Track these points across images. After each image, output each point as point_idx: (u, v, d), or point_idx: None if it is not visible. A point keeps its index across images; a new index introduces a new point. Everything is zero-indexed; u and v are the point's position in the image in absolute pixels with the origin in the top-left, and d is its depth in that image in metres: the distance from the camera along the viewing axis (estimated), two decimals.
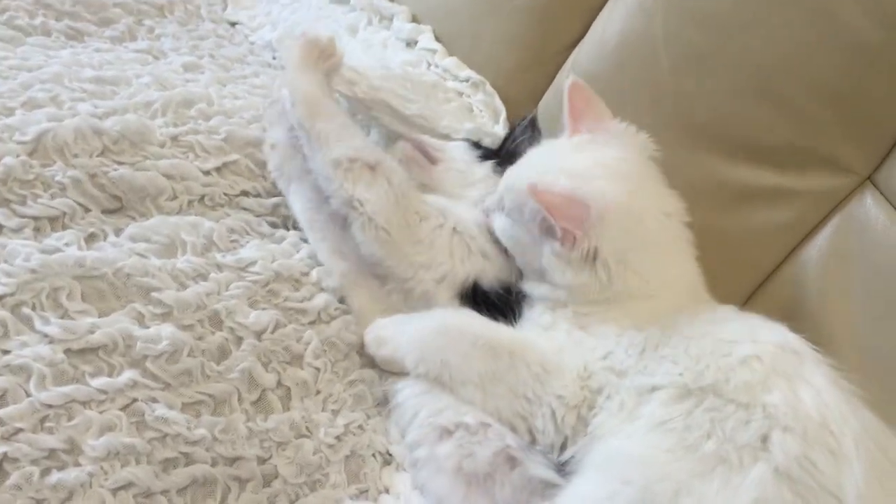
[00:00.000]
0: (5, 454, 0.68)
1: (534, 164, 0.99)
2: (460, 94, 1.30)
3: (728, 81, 1.03)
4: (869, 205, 0.97)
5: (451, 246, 0.98)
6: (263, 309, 0.91)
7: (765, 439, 0.71)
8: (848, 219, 0.99)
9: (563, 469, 0.81)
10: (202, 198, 1.01)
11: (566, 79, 1.02)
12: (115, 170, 0.95)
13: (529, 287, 0.96)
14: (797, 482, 0.69)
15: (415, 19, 1.46)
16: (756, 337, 0.81)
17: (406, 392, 0.91)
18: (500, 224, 0.99)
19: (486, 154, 1.16)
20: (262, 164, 1.09)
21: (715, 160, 1.04)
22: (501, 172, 1.08)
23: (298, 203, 1.05)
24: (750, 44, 1.01)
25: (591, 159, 0.94)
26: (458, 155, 1.14)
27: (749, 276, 1.06)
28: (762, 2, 1.00)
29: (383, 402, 0.94)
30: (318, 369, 0.91)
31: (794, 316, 0.98)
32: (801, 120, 0.99)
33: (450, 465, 0.84)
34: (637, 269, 0.90)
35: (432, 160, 1.13)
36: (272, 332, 0.90)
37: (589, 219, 0.85)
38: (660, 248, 0.93)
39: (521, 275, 0.99)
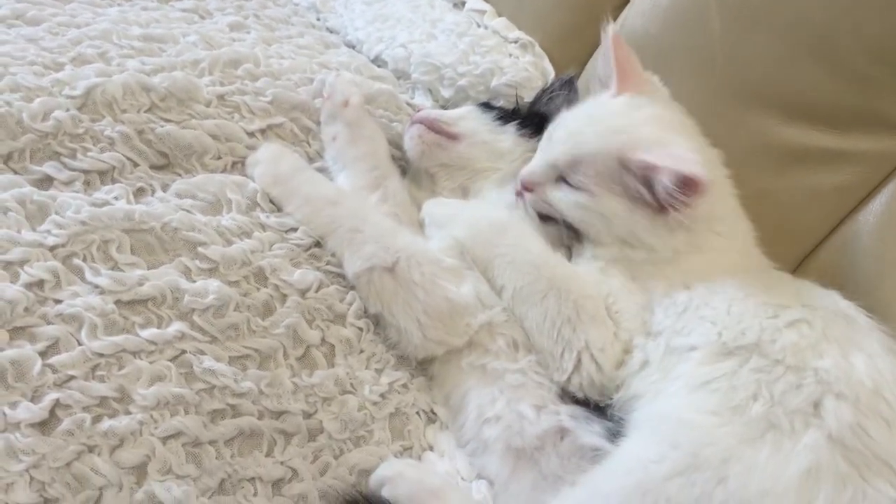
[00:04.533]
0: (58, 401, 0.70)
1: (599, 126, 0.93)
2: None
3: (782, 41, 1.01)
4: None
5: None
6: (307, 269, 0.91)
7: (817, 405, 0.71)
8: None
9: (614, 438, 0.80)
10: (246, 159, 1.01)
11: (607, 32, 0.99)
12: (162, 126, 0.96)
13: (596, 252, 0.93)
14: (851, 450, 0.68)
15: None
16: (806, 301, 0.80)
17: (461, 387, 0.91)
18: (564, 197, 0.94)
19: (502, 115, 1.12)
20: (307, 130, 1.08)
21: (767, 122, 1.01)
22: (527, 134, 1.08)
23: (347, 185, 1.03)
24: (804, 4, 0.98)
25: (658, 122, 0.93)
26: (475, 125, 1.10)
27: (802, 240, 1.04)
28: None
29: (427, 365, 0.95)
30: (360, 329, 0.91)
31: (847, 282, 0.97)
32: (857, 80, 0.97)
33: (498, 445, 0.85)
34: (718, 230, 0.90)
35: (452, 136, 1.08)
36: (316, 291, 0.90)
37: (701, 192, 0.83)
38: (718, 206, 0.92)
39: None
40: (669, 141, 0.89)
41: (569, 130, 0.95)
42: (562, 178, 0.94)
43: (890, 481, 0.67)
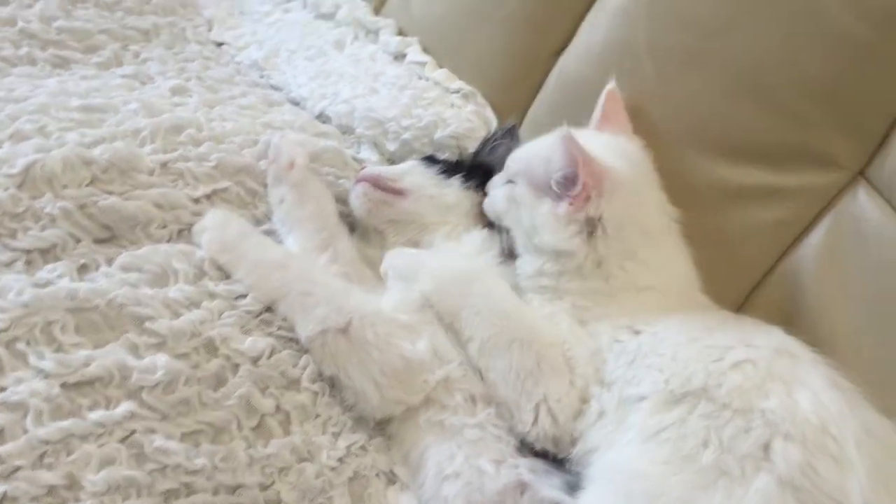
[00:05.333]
0: (5, 493, 0.68)
1: (545, 139, 0.99)
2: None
3: (714, 83, 1.04)
4: (862, 200, 0.97)
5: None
6: (258, 336, 0.90)
7: (766, 448, 0.71)
8: (841, 215, 0.99)
9: (573, 491, 0.81)
10: (192, 226, 0.99)
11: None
12: (105, 199, 0.94)
13: (522, 264, 0.98)
14: (801, 491, 0.69)
15: (401, 33, 1.46)
16: (749, 341, 0.82)
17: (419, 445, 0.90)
18: (499, 193, 1.02)
19: (447, 168, 1.13)
20: (254, 192, 1.08)
21: (705, 161, 1.04)
22: (472, 186, 1.10)
23: (296, 247, 1.03)
24: (734, 44, 1.01)
25: (612, 147, 0.97)
26: (420, 179, 1.11)
27: (745, 275, 1.05)
28: (745, 1, 1.00)
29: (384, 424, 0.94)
30: (315, 393, 0.90)
31: (791, 314, 0.99)
32: (789, 118, 0.99)
33: (458, 502, 0.85)
34: (633, 254, 0.92)
35: (397, 192, 1.09)
36: (268, 358, 0.89)
37: (606, 183, 0.88)
38: (657, 242, 0.95)
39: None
40: (613, 156, 0.94)
41: (528, 145, 1.03)
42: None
43: None
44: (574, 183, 0.90)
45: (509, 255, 1.02)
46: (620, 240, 0.91)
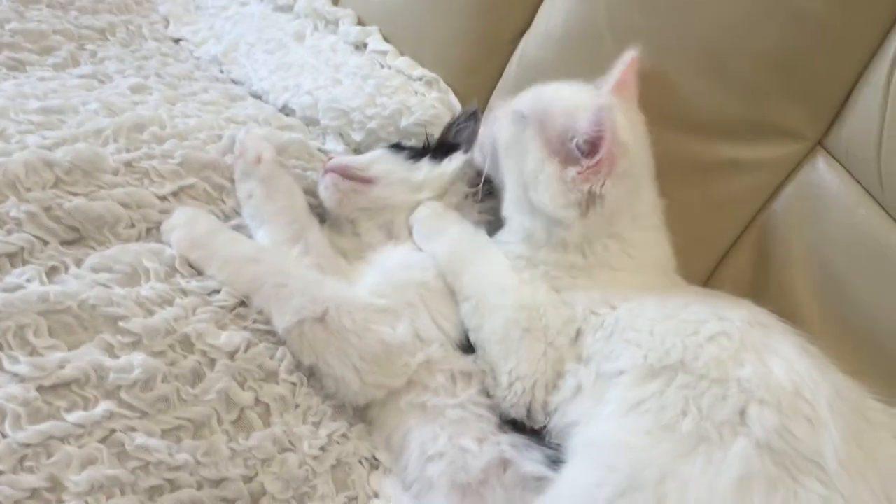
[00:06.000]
0: None
1: (575, 93, 0.99)
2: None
3: (674, 61, 1.05)
4: (822, 168, 1.00)
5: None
6: (233, 331, 0.90)
7: (742, 413, 0.73)
8: (803, 184, 1.02)
9: (554, 464, 0.82)
10: (160, 224, 0.99)
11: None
12: (70, 200, 0.93)
13: (508, 213, 0.99)
14: (778, 453, 0.71)
15: (360, 22, 1.46)
16: (722, 315, 0.83)
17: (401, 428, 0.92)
18: (506, 124, 1.00)
19: (413, 153, 1.14)
20: (220, 188, 1.07)
21: (669, 137, 1.04)
22: (439, 163, 1.10)
23: (267, 241, 1.03)
24: (693, 22, 1.03)
25: (632, 124, 0.98)
26: (389, 166, 1.11)
27: (713, 247, 1.08)
28: None
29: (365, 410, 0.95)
30: (294, 384, 0.91)
31: (759, 284, 1.02)
32: (749, 92, 1.01)
33: (443, 481, 0.86)
34: (618, 235, 0.93)
35: (367, 181, 1.09)
36: (245, 352, 0.89)
37: (620, 165, 0.89)
38: (643, 225, 0.96)
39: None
40: (634, 136, 0.95)
41: (551, 88, 1.01)
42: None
43: (819, 478, 0.69)
44: (594, 152, 0.89)
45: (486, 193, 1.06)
46: (611, 221, 0.92)
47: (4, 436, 0.71)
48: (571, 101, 0.96)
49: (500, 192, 1.02)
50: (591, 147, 0.89)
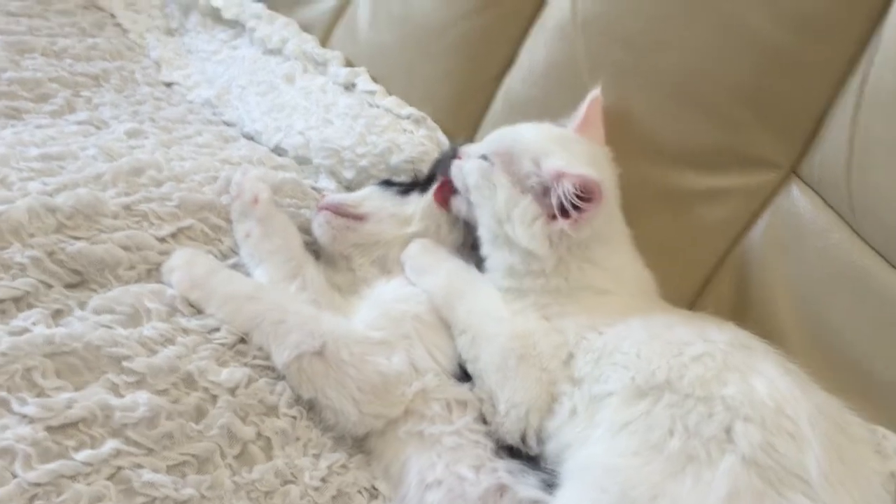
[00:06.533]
0: None
1: (540, 135, 1.04)
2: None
3: (651, 95, 1.10)
4: (796, 195, 1.04)
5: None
6: (234, 367, 0.93)
7: (728, 431, 0.76)
8: (779, 211, 1.05)
9: (550, 488, 0.84)
10: (160, 265, 1.02)
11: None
12: (72, 245, 0.96)
13: (486, 251, 1.02)
14: (764, 468, 0.73)
15: (348, 63, 1.50)
16: (706, 336, 0.86)
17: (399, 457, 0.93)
18: (473, 165, 1.03)
19: (403, 188, 1.18)
20: (218, 228, 1.11)
21: (648, 169, 1.09)
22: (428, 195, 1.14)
23: (265, 279, 1.06)
24: (667, 59, 1.08)
25: (597, 161, 1.02)
26: (379, 202, 1.15)
27: (695, 274, 1.11)
28: (674, 18, 1.07)
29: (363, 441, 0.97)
30: (294, 417, 0.93)
31: (741, 308, 1.05)
32: (723, 123, 1.06)
33: None
34: (592, 259, 0.97)
35: (359, 217, 1.13)
36: (246, 387, 0.91)
37: (598, 199, 0.91)
38: (614, 250, 1.00)
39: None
40: (598, 168, 0.98)
41: (513, 130, 1.05)
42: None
43: (803, 492, 0.72)
44: (579, 208, 0.92)
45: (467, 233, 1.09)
46: (584, 248, 0.96)
47: (15, 476, 0.73)
48: (534, 144, 1.00)
49: (477, 233, 1.05)
50: (582, 197, 0.92)
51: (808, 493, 0.72)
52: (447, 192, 1.11)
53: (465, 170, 1.05)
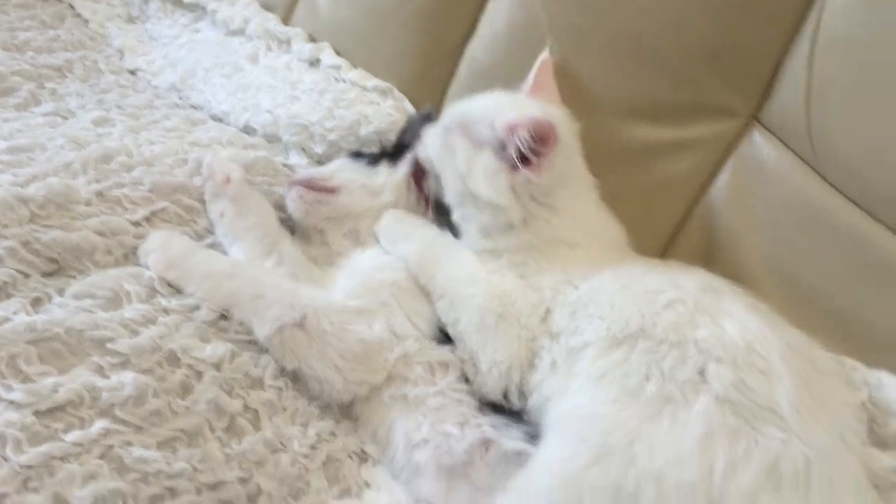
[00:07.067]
0: None
1: (493, 101, 1.05)
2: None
3: (612, 54, 1.12)
4: (758, 142, 1.06)
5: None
6: (217, 343, 0.94)
7: (702, 372, 0.78)
8: (742, 158, 1.08)
9: (533, 440, 0.87)
10: (136, 249, 1.03)
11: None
12: (47, 234, 0.97)
13: (458, 217, 1.04)
14: (737, 405, 0.75)
15: (312, 39, 1.51)
16: (677, 283, 0.89)
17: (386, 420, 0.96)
18: (434, 138, 1.06)
19: (372, 158, 1.19)
20: (191, 209, 1.12)
21: (614, 125, 1.11)
22: (397, 165, 1.16)
23: (242, 256, 1.08)
24: (625, 18, 1.09)
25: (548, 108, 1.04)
26: (350, 174, 1.16)
27: (664, 224, 1.14)
28: None
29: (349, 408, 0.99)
30: (280, 389, 0.94)
31: (711, 255, 1.08)
32: (682, 77, 1.08)
33: (430, 467, 0.90)
34: (557, 210, 0.99)
35: (330, 190, 1.14)
36: (230, 362, 0.93)
37: (553, 141, 0.94)
38: (579, 201, 1.02)
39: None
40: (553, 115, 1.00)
41: (466, 101, 1.07)
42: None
43: (776, 424, 0.74)
44: (536, 154, 0.94)
45: (436, 208, 1.10)
46: (547, 195, 0.98)
47: (6, 460, 0.74)
48: (486, 108, 1.03)
49: (448, 203, 1.06)
50: (538, 142, 0.94)
51: (781, 425, 0.74)
52: (420, 175, 1.13)
53: (426, 143, 1.08)
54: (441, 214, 1.08)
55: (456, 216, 1.04)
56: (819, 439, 0.74)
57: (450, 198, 1.05)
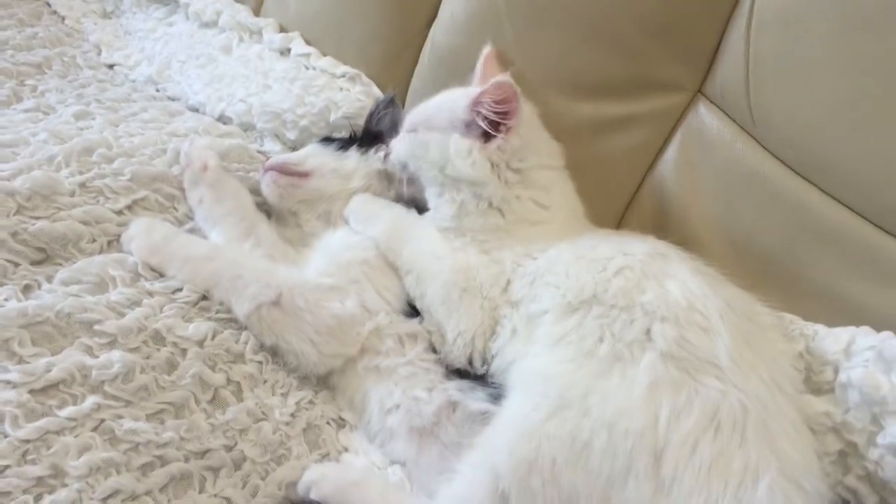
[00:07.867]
0: None
1: (447, 95, 1.12)
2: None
3: (563, 34, 1.17)
4: (703, 114, 1.12)
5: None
6: (199, 322, 1.00)
7: (648, 332, 0.85)
8: (688, 130, 1.14)
9: (496, 400, 0.93)
10: (119, 236, 1.08)
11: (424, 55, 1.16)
12: (34, 224, 1.02)
13: (436, 203, 1.09)
14: (679, 360, 0.82)
15: (282, 29, 1.55)
16: (626, 250, 0.95)
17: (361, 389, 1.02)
18: (402, 143, 1.12)
19: (342, 143, 1.24)
20: (171, 197, 1.17)
21: (566, 103, 1.17)
22: (366, 152, 1.21)
23: (221, 240, 1.13)
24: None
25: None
26: (321, 159, 1.21)
27: (618, 196, 1.20)
28: None
29: (326, 379, 1.05)
30: (260, 362, 1.01)
31: (664, 223, 1.14)
32: (632, 54, 1.13)
33: (402, 429, 0.97)
34: (535, 182, 1.05)
35: (303, 174, 1.19)
36: (212, 339, 0.99)
37: (514, 97, 1.01)
38: (550, 165, 1.09)
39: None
40: None
41: (421, 104, 1.13)
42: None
43: (716, 376, 0.81)
44: (506, 116, 1.01)
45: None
46: (520, 160, 1.04)
47: (6, 435, 0.80)
48: (441, 102, 1.10)
49: (427, 198, 1.12)
50: (498, 115, 1.01)
51: (721, 376, 0.81)
52: None
53: (396, 149, 1.13)
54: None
55: (432, 204, 1.10)
56: (756, 388, 0.81)
57: (430, 191, 1.10)
